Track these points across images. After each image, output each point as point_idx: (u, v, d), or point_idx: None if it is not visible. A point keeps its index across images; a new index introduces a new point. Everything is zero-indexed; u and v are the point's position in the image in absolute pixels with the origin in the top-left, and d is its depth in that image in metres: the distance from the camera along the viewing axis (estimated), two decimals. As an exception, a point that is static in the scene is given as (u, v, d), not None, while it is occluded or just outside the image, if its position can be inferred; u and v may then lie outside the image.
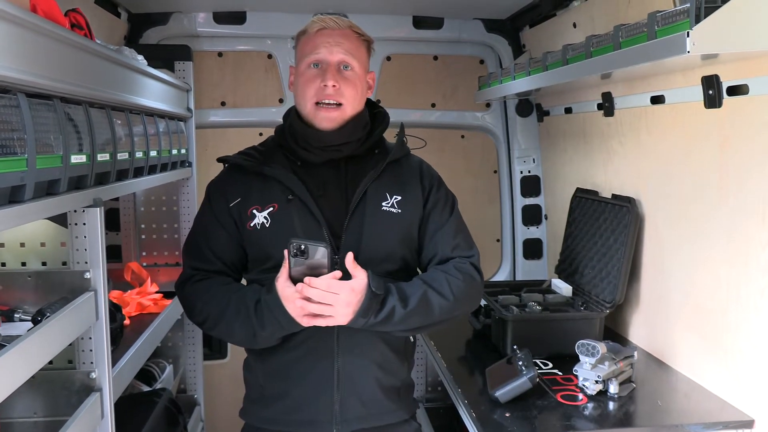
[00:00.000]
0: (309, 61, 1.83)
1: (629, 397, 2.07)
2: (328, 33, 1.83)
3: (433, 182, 1.94)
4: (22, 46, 1.29)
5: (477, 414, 1.98)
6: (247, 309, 1.73)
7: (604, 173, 2.83)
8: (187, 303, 1.88)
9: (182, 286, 1.89)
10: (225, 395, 3.51)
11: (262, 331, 1.72)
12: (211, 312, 1.80)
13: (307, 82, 1.83)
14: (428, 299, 1.76)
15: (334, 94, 1.80)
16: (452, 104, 3.66)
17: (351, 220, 1.80)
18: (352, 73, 1.83)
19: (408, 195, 1.88)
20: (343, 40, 1.83)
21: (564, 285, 2.77)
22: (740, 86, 1.91)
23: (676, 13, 1.65)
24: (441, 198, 1.93)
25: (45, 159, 1.38)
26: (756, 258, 1.88)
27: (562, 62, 2.40)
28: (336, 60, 1.82)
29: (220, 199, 1.88)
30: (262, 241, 1.82)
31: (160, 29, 3.30)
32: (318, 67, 1.82)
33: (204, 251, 1.87)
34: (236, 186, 1.88)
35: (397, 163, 1.92)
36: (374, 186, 1.85)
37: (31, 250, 1.87)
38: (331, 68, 1.81)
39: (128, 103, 2.07)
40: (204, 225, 1.91)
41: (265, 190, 1.84)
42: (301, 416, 1.83)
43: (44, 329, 1.38)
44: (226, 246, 1.87)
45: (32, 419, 1.63)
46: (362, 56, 1.88)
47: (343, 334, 1.79)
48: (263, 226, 1.81)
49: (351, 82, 1.83)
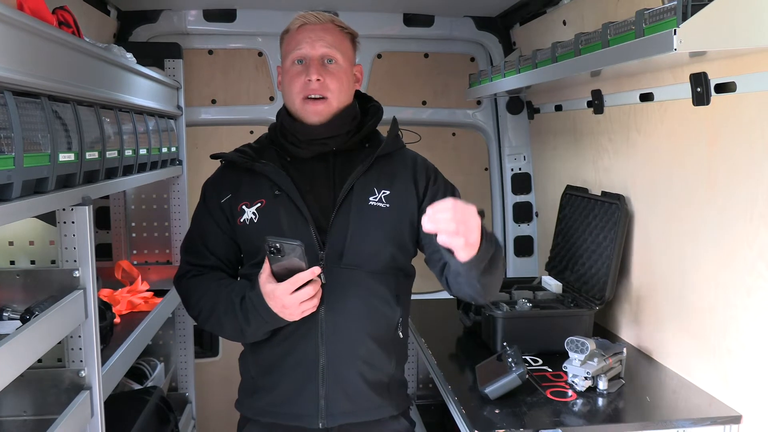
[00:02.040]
0: (293, 57, 1.85)
1: (618, 393, 2.08)
2: (310, 28, 1.85)
3: (430, 174, 1.95)
4: (8, 43, 1.29)
5: (467, 410, 1.99)
6: (234, 305, 1.75)
7: (594, 170, 2.84)
8: (183, 297, 1.94)
9: (179, 281, 1.95)
10: (216, 393, 3.52)
11: (248, 327, 1.75)
12: (203, 307, 1.84)
13: (292, 78, 1.85)
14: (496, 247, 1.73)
15: (319, 87, 1.82)
16: (443, 102, 3.66)
17: (337, 215, 1.81)
18: (335, 66, 1.85)
19: (397, 189, 1.88)
20: (325, 34, 1.84)
21: (554, 282, 2.78)
22: (728, 84, 1.92)
23: (664, 10, 1.66)
24: (440, 188, 1.93)
25: (33, 157, 1.38)
26: (743, 256, 1.89)
27: (551, 60, 2.41)
28: (318, 54, 1.83)
29: (213, 196, 1.92)
30: (251, 236, 1.84)
31: (149, 27, 3.29)
32: (302, 63, 1.84)
33: (199, 247, 1.92)
34: (228, 182, 1.91)
35: (389, 157, 1.92)
36: (362, 180, 1.85)
37: (19, 248, 1.86)
38: (314, 62, 1.83)
39: (117, 101, 2.06)
40: (199, 222, 1.95)
41: (254, 186, 1.87)
42: (289, 409, 1.85)
43: (33, 327, 1.38)
44: (219, 242, 1.91)
45: (21, 418, 1.62)
46: (346, 49, 1.89)
47: (328, 329, 1.80)
48: (252, 222, 1.84)
49: (335, 75, 1.84)
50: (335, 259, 1.80)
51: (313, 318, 1.77)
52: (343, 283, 1.80)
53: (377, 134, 1.98)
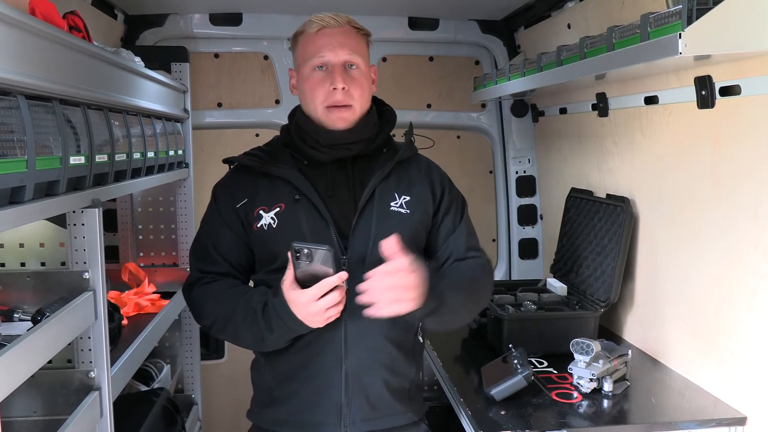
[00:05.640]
0: (313, 63, 1.78)
1: (623, 394, 2.09)
2: (330, 32, 1.78)
3: (445, 185, 1.93)
4: (21, 48, 1.30)
5: (473, 412, 2.00)
6: (255, 313, 1.68)
7: (599, 173, 2.85)
8: (194, 306, 1.85)
9: (189, 289, 1.86)
10: (222, 395, 3.53)
11: (271, 335, 1.69)
12: (218, 316, 1.77)
13: (314, 86, 1.78)
14: (462, 284, 1.79)
15: (344, 97, 1.77)
16: (448, 105, 3.67)
17: (359, 220, 1.78)
18: (358, 71, 1.80)
19: (416, 195, 1.86)
20: (346, 39, 1.78)
21: (559, 284, 2.79)
22: (733, 87, 1.93)
23: (669, 14, 1.67)
24: (453, 201, 1.93)
25: (44, 160, 1.40)
26: (748, 258, 1.90)
27: (556, 63, 2.42)
28: (341, 60, 1.77)
29: (227, 200, 1.85)
30: (269, 241, 1.78)
31: (156, 31, 3.31)
32: (324, 70, 1.78)
33: (211, 253, 1.84)
34: (243, 187, 1.85)
35: (406, 162, 1.90)
36: (382, 186, 1.83)
37: (30, 250, 1.88)
38: (338, 69, 1.76)
39: (126, 104, 2.08)
40: (211, 227, 1.87)
41: (271, 190, 1.81)
42: (310, 418, 1.80)
43: (44, 329, 1.39)
44: (233, 247, 1.84)
45: (32, 418, 1.64)
46: (365, 52, 1.84)
47: (350, 335, 1.76)
48: (270, 227, 1.78)
49: (358, 81, 1.79)
50: (358, 264, 1.75)
51: (336, 325, 1.71)
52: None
53: (390, 139, 1.95)
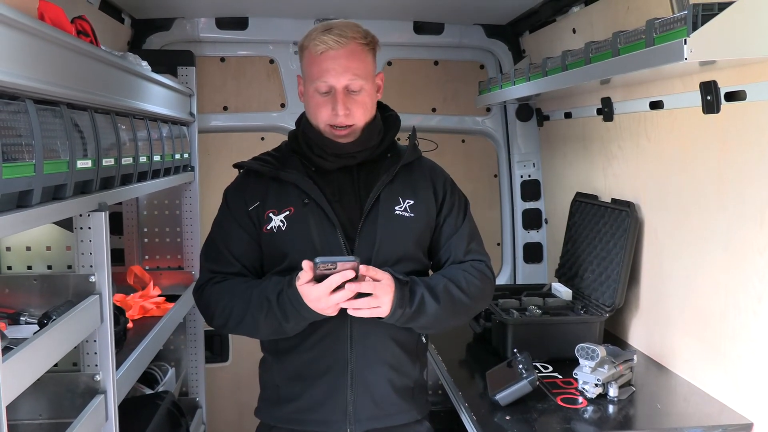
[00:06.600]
0: (317, 87, 1.80)
1: (629, 400, 2.08)
2: (333, 56, 1.78)
3: (447, 187, 1.97)
4: (30, 53, 1.31)
5: (477, 417, 2.00)
6: (269, 302, 1.73)
7: (604, 178, 2.85)
8: (207, 305, 1.87)
9: (201, 289, 1.89)
10: (227, 398, 3.53)
11: (287, 324, 1.74)
12: (234, 309, 1.79)
13: (317, 107, 1.82)
14: (450, 291, 1.81)
15: (345, 120, 1.81)
16: (453, 109, 3.67)
17: (365, 224, 1.83)
18: (361, 94, 1.82)
19: (420, 198, 1.91)
20: (350, 61, 1.78)
21: (564, 289, 2.78)
22: (738, 92, 1.92)
23: (674, 20, 1.67)
24: (455, 203, 1.96)
25: (52, 164, 1.40)
26: (754, 263, 1.90)
27: (561, 68, 2.42)
28: (344, 85, 1.79)
29: (240, 203, 1.89)
30: (278, 243, 1.84)
31: (163, 35, 3.33)
32: (326, 94, 1.81)
33: (224, 254, 1.88)
34: (254, 190, 1.89)
35: (409, 166, 1.95)
36: (387, 190, 1.87)
37: (36, 253, 1.89)
38: (340, 95, 1.79)
39: (132, 108, 2.09)
40: (224, 228, 1.91)
41: (281, 194, 1.87)
42: (316, 416, 1.85)
43: (50, 332, 1.40)
44: (246, 248, 1.88)
45: (37, 421, 1.64)
46: (370, 69, 1.85)
47: (356, 335, 1.82)
48: (279, 230, 1.84)
49: (360, 102, 1.82)
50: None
51: (343, 323, 1.80)
52: None
53: (395, 143, 1.99)
